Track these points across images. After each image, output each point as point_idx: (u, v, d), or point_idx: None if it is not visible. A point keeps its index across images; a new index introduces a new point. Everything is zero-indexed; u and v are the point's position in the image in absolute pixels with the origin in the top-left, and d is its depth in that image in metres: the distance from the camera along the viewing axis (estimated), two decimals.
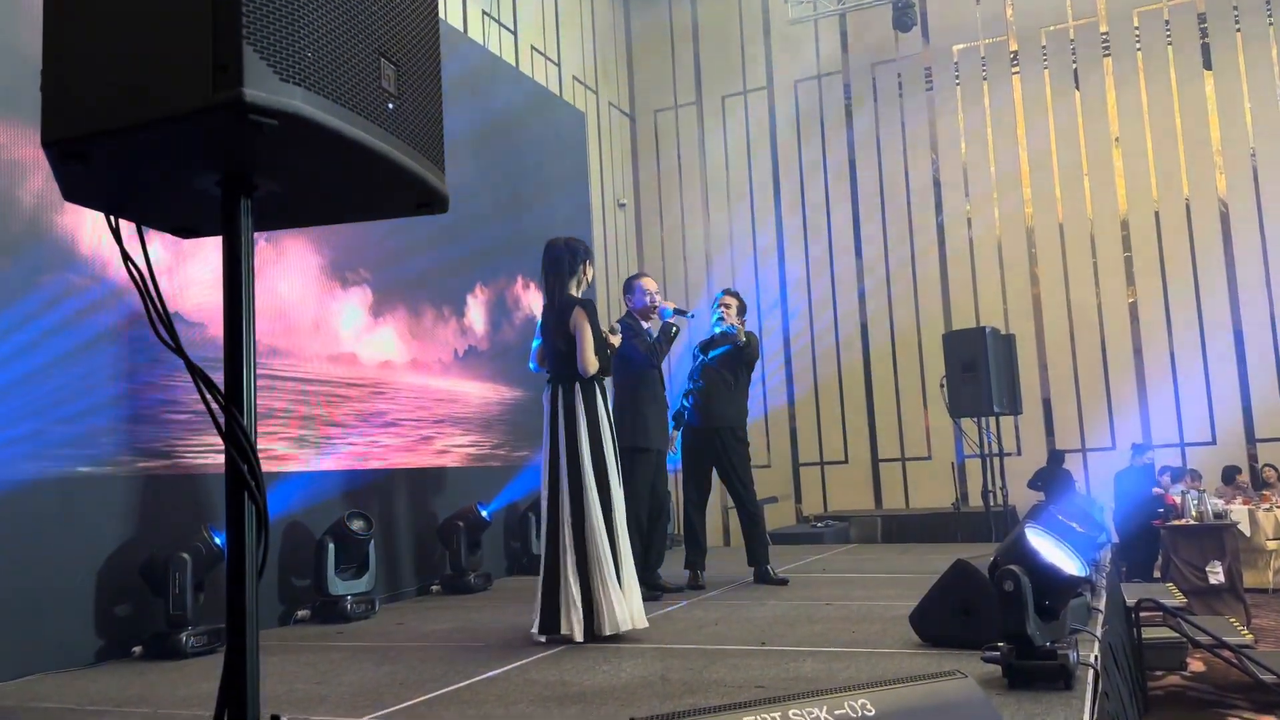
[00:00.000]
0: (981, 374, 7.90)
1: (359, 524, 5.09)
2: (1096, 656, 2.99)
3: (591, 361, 4.02)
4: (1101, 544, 5.40)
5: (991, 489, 8.23)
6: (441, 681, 3.31)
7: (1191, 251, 9.39)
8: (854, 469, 10.39)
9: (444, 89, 1.62)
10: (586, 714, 2.76)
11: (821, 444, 10.52)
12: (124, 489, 4.37)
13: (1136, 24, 9.71)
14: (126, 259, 1.39)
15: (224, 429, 1.35)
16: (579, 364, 4.01)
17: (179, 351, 1.38)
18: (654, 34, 11.35)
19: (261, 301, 5.01)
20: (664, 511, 5.44)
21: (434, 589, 6.01)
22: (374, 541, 5.22)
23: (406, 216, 1.64)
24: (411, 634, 4.47)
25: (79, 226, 4.27)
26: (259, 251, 4.92)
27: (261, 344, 5.05)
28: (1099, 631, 3.41)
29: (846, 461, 10.43)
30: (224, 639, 1.36)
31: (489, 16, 8.18)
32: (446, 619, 4.88)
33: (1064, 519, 3.09)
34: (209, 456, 4.72)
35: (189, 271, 4.69)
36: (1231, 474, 8.88)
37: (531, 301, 7.71)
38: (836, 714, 1.55)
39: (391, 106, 1.44)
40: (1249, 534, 8.28)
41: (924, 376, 10.06)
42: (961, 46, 10.29)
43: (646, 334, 5.29)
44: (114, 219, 1.45)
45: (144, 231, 1.51)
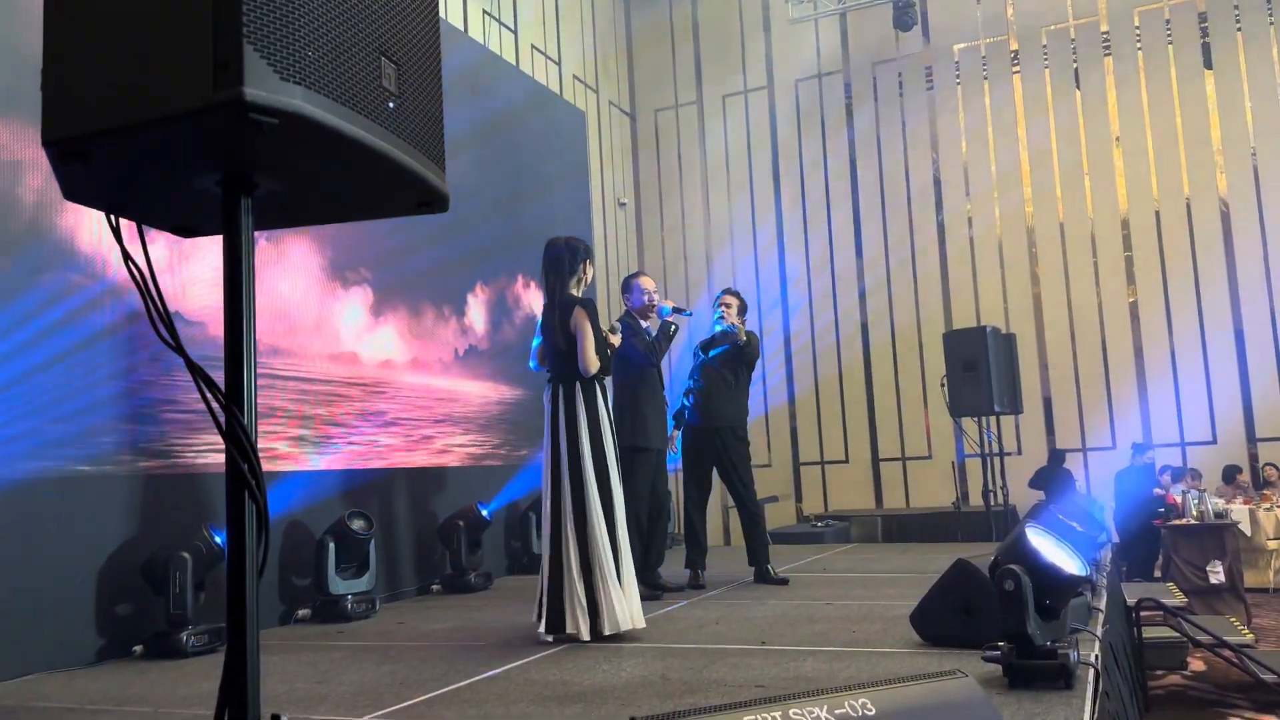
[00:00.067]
0: (982, 373, 7.90)
1: (359, 523, 5.10)
2: (1097, 656, 2.99)
3: (593, 361, 4.02)
4: (1102, 543, 5.40)
5: (992, 488, 8.23)
6: (442, 681, 3.31)
7: (1192, 251, 9.39)
8: (854, 468, 10.39)
9: (444, 88, 1.62)
10: (587, 713, 2.76)
11: (822, 443, 10.52)
12: (124, 488, 4.37)
13: (1137, 23, 9.71)
14: (127, 258, 1.39)
15: (224, 428, 1.35)
16: (580, 363, 4.02)
17: (179, 350, 1.38)
18: (654, 33, 11.35)
19: (262, 301, 5.01)
20: (664, 511, 5.44)
21: (434, 588, 6.01)
22: (374, 541, 5.23)
23: (407, 216, 1.64)
24: (412, 633, 4.47)
25: (79, 225, 4.27)
26: (259, 251, 4.92)
27: (262, 343, 5.05)
28: (1099, 631, 3.41)
29: (847, 461, 10.43)
30: (224, 638, 1.36)
31: (489, 15, 8.18)
32: (447, 618, 4.88)
33: (1064, 518, 3.08)
34: (209, 456, 4.73)
35: (190, 270, 4.69)
36: (1232, 473, 8.88)
37: (532, 300, 7.71)
38: (837, 713, 1.55)
39: (392, 105, 1.43)
40: (1250, 533, 8.28)
41: (924, 376, 10.06)
42: (962, 46, 10.29)
43: (646, 333, 5.29)
44: (114, 218, 1.45)
45: (144, 231, 1.51)
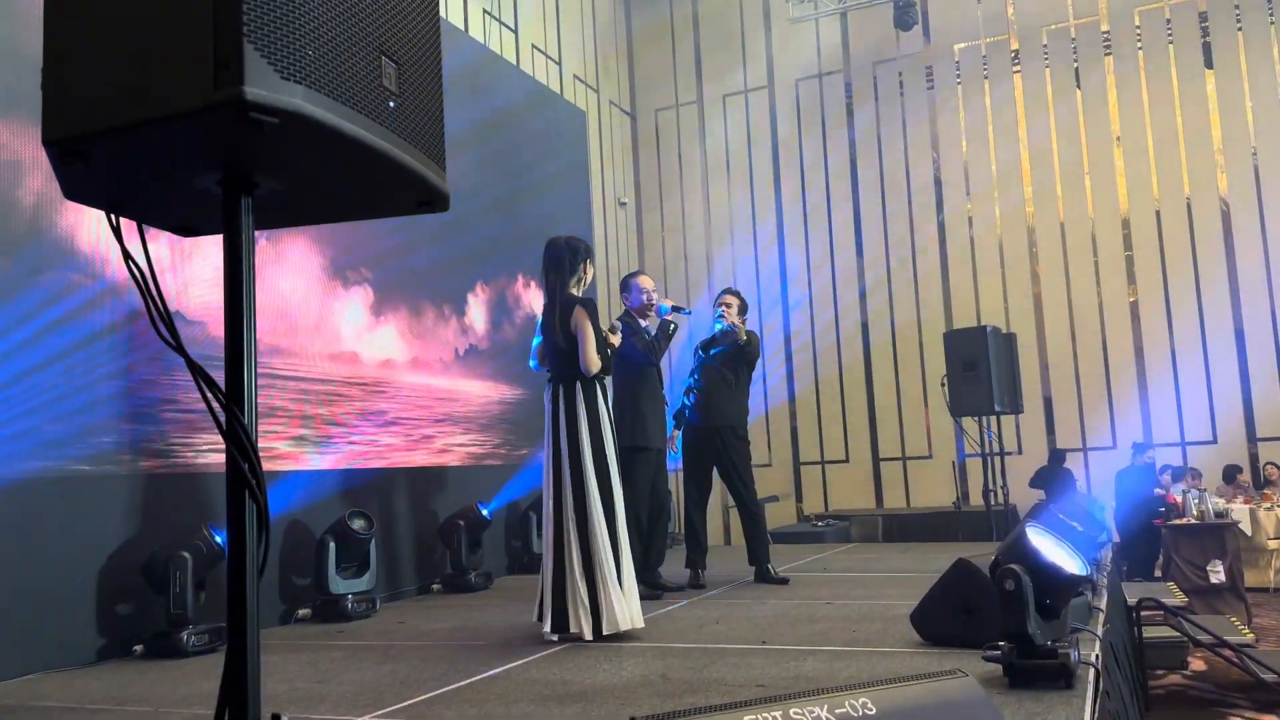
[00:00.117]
0: (982, 373, 7.90)
1: (360, 523, 5.09)
2: (1097, 655, 2.99)
3: (594, 360, 4.03)
4: (1102, 543, 5.39)
5: (992, 488, 8.23)
6: (442, 680, 3.31)
7: (1193, 250, 9.38)
8: (855, 468, 10.38)
9: (445, 87, 1.62)
10: (587, 713, 2.76)
11: (822, 443, 10.52)
12: (124, 488, 4.37)
13: (1138, 23, 9.71)
14: (127, 257, 1.39)
15: (225, 427, 1.35)
16: (581, 363, 4.02)
17: (180, 350, 1.38)
18: (655, 32, 11.34)
19: (262, 300, 5.00)
20: (665, 511, 5.43)
21: (435, 588, 6.01)
22: (375, 540, 5.23)
23: (408, 215, 1.64)
24: (412, 633, 4.47)
25: (79, 225, 4.26)
26: (260, 250, 4.92)
27: (263, 343, 5.05)
28: (1100, 631, 3.41)
29: (847, 460, 10.42)
30: (225, 638, 1.36)
31: (490, 15, 8.18)
32: (447, 618, 4.88)
33: (1065, 518, 3.08)
34: (210, 455, 4.72)
35: (191, 270, 4.69)
36: (1232, 473, 8.88)
37: (532, 300, 7.71)
38: (837, 713, 1.55)
39: (392, 105, 1.43)
40: (1250, 533, 8.28)
41: (925, 375, 10.06)
42: (962, 45, 10.29)
43: (645, 332, 5.28)
44: (114, 217, 1.45)
45: (145, 230, 1.51)
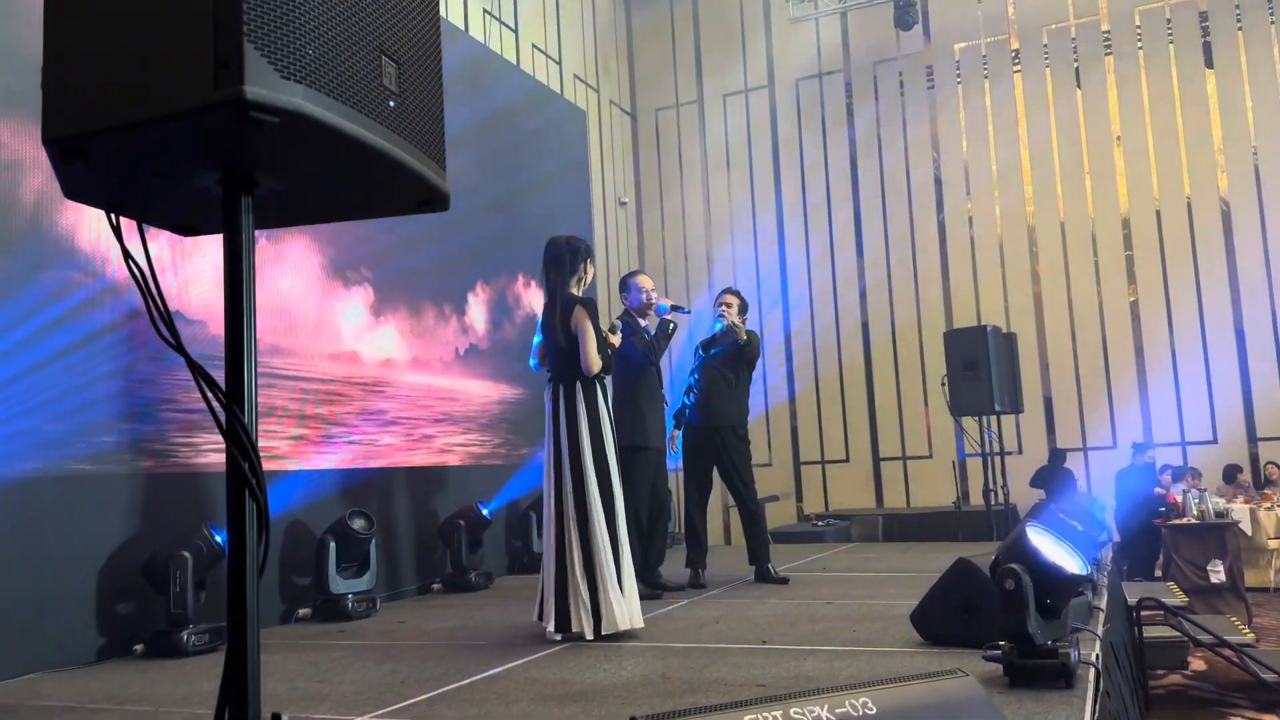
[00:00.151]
0: (983, 372, 7.90)
1: (360, 522, 5.10)
2: (1098, 655, 2.99)
3: (594, 360, 4.03)
4: (1103, 543, 5.39)
5: (993, 488, 8.23)
6: (443, 680, 3.31)
7: (1193, 250, 9.38)
8: (855, 467, 10.38)
9: (445, 87, 1.62)
10: (588, 712, 2.76)
11: (823, 442, 10.51)
12: (125, 487, 4.37)
13: (1138, 22, 9.70)
14: (127, 257, 1.39)
15: (225, 427, 1.35)
16: (582, 363, 4.02)
17: (180, 349, 1.38)
18: (655, 32, 11.34)
19: (263, 299, 5.00)
20: (665, 510, 5.43)
21: (435, 587, 6.01)
22: (375, 540, 5.23)
23: (408, 215, 1.64)
24: (412, 632, 4.47)
25: (79, 224, 4.26)
26: (260, 250, 4.92)
27: (263, 342, 5.05)
28: (1100, 630, 3.41)
29: (848, 460, 10.42)
30: (225, 637, 1.36)
31: (490, 15, 8.17)
32: (448, 617, 4.88)
33: (1065, 518, 3.08)
34: (210, 455, 4.72)
35: (191, 269, 4.69)
36: (1233, 473, 8.88)
37: (532, 300, 7.71)
38: (838, 712, 1.55)
39: (392, 104, 1.43)
40: (1250, 533, 8.28)
41: (925, 375, 10.06)
42: (963, 45, 10.28)
43: (644, 331, 5.28)
44: (114, 217, 1.45)
45: (145, 229, 1.51)
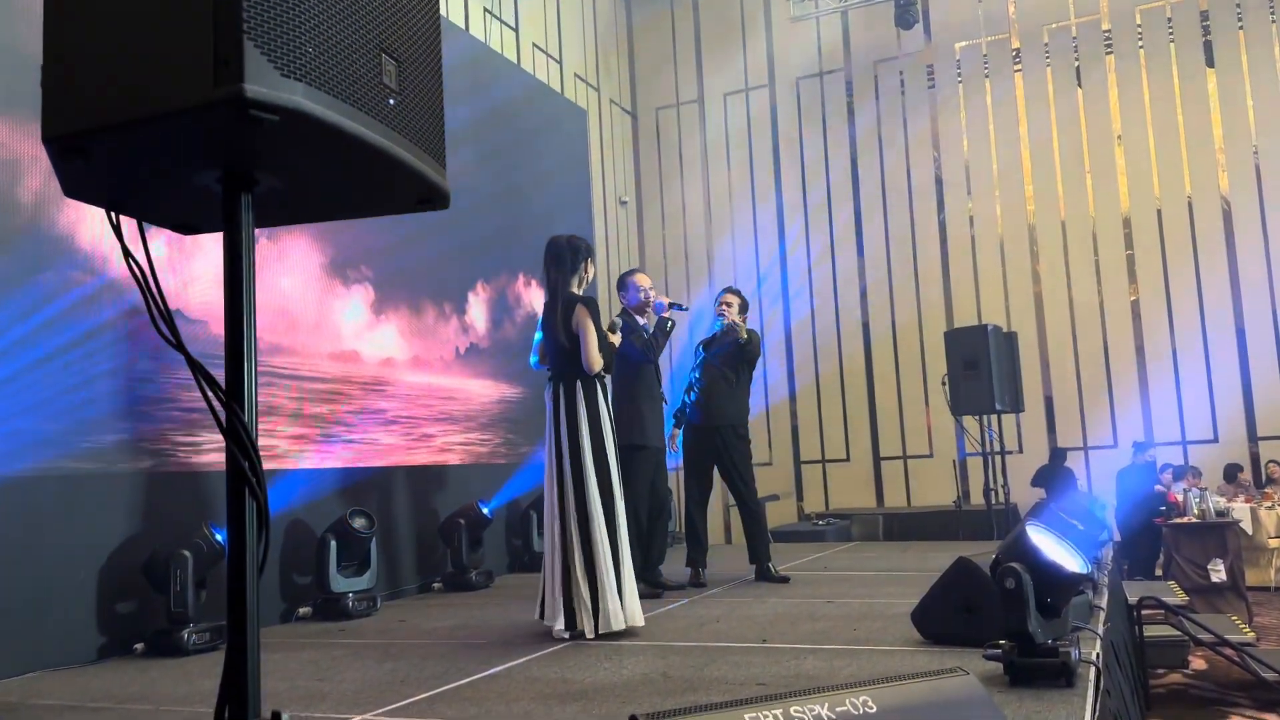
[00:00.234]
0: (983, 372, 7.89)
1: (361, 521, 5.10)
2: (1098, 654, 2.99)
3: (596, 359, 4.03)
4: (1103, 542, 5.39)
5: (993, 487, 8.23)
6: (443, 679, 3.31)
7: (1194, 249, 9.38)
8: (856, 467, 10.38)
9: (445, 85, 1.61)
10: (588, 711, 2.76)
11: (823, 442, 10.51)
12: (125, 486, 4.37)
13: (1139, 21, 9.70)
14: (127, 255, 1.39)
15: (225, 425, 1.35)
16: (583, 362, 4.02)
17: (179, 347, 1.38)
18: (655, 30, 11.34)
19: (263, 298, 5.01)
20: (665, 509, 5.43)
21: (435, 586, 6.01)
22: (376, 539, 5.23)
23: (408, 213, 1.64)
24: (413, 631, 4.47)
25: (79, 222, 4.26)
26: (260, 248, 4.92)
27: (263, 341, 5.05)
28: (1101, 629, 3.40)
29: (848, 459, 10.42)
30: (225, 636, 1.36)
31: (490, 14, 8.17)
32: (448, 616, 4.88)
33: (1066, 516, 3.08)
34: (210, 454, 4.72)
35: (192, 268, 4.69)
36: (1233, 472, 8.87)
37: (533, 299, 7.71)
38: (838, 711, 1.55)
39: (393, 102, 1.43)
40: (1251, 532, 8.28)
41: (926, 374, 10.05)
42: (964, 44, 10.28)
43: (643, 330, 5.28)
44: (114, 215, 1.45)
45: (145, 228, 1.51)
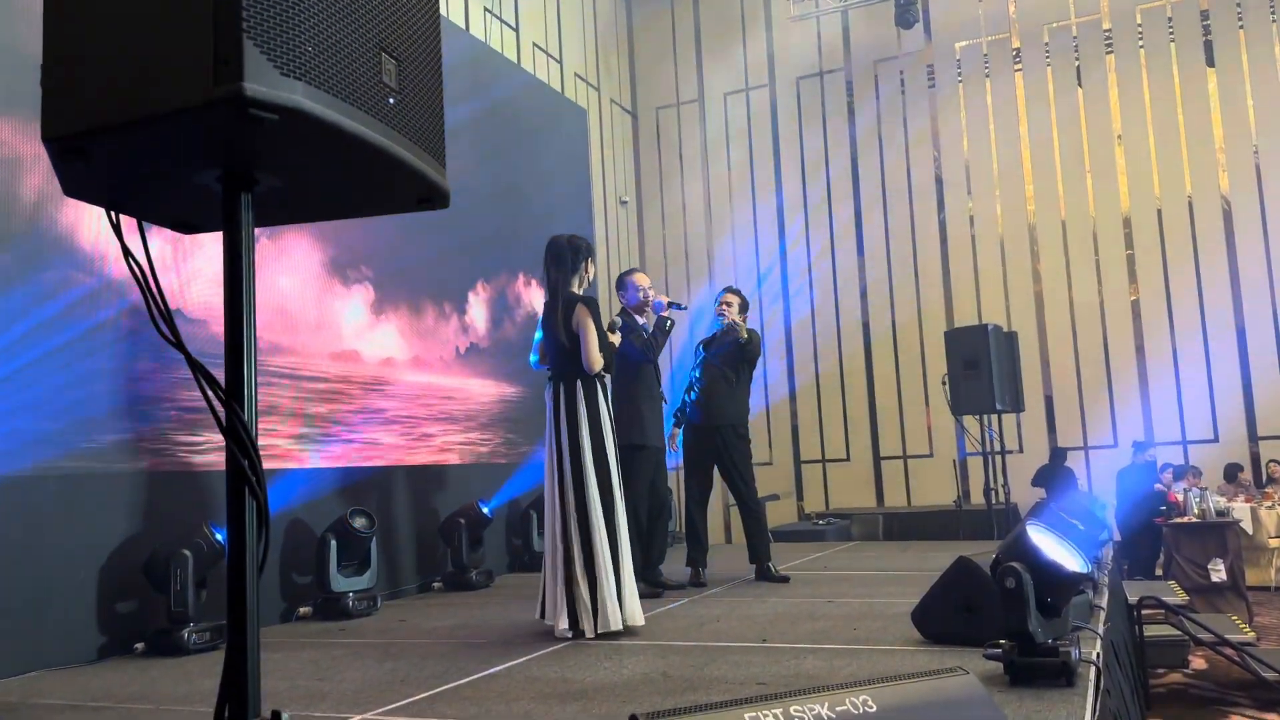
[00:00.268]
0: (984, 371, 7.89)
1: (361, 521, 5.10)
2: (1098, 654, 2.99)
3: (596, 359, 4.03)
4: (1103, 541, 5.39)
5: (993, 486, 8.23)
6: (443, 678, 3.31)
7: (1194, 249, 9.37)
8: (856, 466, 10.38)
9: (445, 85, 1.61)
10: (588, 710, 2.76)
11: (823, 441, 10.51)
12: (125, 485, 4.37)
13: (1139, 21, 9.69)
14: (127, 254, 1.39)
15: (225, 424, 1.35)
16: (584, 361, 4.02)
17: (179, 346, 1.38)
18: (656, 30, 11.34)
19: (263, 298, 5.01)
20: (665, 509, 5.43)
21: (436, 586, 6.01)
22: (376, 538, 5.23)
23: (408, 212, 1.64)
24: (413, 631, 4.47)
25: (79, 221, 4.26)
26: (260, 247, 4.92)
27: (263, 340, 5.05)
28: (1101, 629, 3.40)
29: (848, 459, 10.42)
30: (225, 635, 1.36)
31: (490, 13, 8.17)
32: (448, 616, 4.88)
33: (1066, 516, 3.08)
34: (210, 453, 4.72)
35: (193, 267, 4.69)
36: (1234, 471, 8.87)
37: (533, 298, 7.71)
38: (838, 710, 1.55)
39: (392, 101, 1.43)
40: (1251, 531, 8.28)
41: (926, 374, 10.05)
42: (964, 43, 10.27)
43: (642, 329, 5.28)
44: (114, 214, 1.45)
45: (145, 227, 1.51)
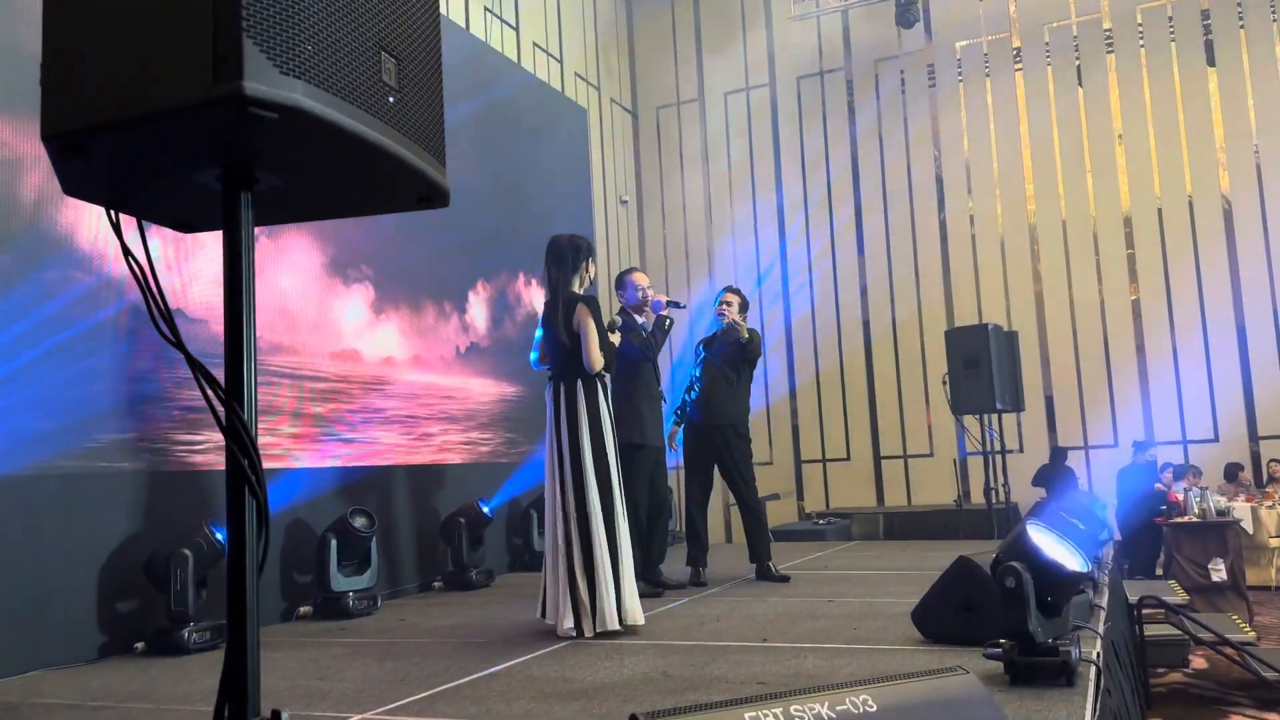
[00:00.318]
0: (984, 371, 7.89)
1: (361, 520, 5.10)
2: (1099, 653, 2.99)
3: (597, 358, 4.03)
4: (1104, 541, 5.39)
5: (994, 486, 8.23)
6: (443, 678, 3.31)
7: (1194, 248, 9.37)
8: (856, 466, 10.38)
9: (445, 84, 1.61)
10: (588, 710, 2.76)
11: (824, 441, 10.51)
12: (125, 485, 4.37)
13: (1140, 20, 9.69)
14: (127, 253, 1.39)
15: (225, 424, 1.35)
16: (585, 360, 4.03)
17: (179, 346, 1.38)
18: (656, 29, 11.33)
19: (263, 297, 5.00)
20: (665, 508, 5.43)
21: (436, 585, 6.01)
22: (376, 538, 5.23)
23: (408, 211, 1.64)
24: (413, 630, 4.47)
25: (79, 221, 4.26)
26: (260, 247, 4.92)
27: (263, 340, 5.05)
28: (1101, 628, 3.40)
29: (849, 458, 10.42)
30: (226, 635, 1.36)
31: (490, 12, 8.17)
32: (448, 615, 4.88)
33: (1066, 516, 3.08)
34: (210, 453, 4.72)
35: (193, 267, 4.69)
36: (1234, 471, 8.87)
37: (533, 298, 7.71)
38: (838, 710, 1.55)
39: (392, 100, 1.43)
40: (1251, 531, 8.28)
41: (926, 373, 10.05)
42: (964, 43, 10.27)
43: (642, 328, 5.28)
44: (114, 213, 1.45)
45: (144, 226, 1.51)
